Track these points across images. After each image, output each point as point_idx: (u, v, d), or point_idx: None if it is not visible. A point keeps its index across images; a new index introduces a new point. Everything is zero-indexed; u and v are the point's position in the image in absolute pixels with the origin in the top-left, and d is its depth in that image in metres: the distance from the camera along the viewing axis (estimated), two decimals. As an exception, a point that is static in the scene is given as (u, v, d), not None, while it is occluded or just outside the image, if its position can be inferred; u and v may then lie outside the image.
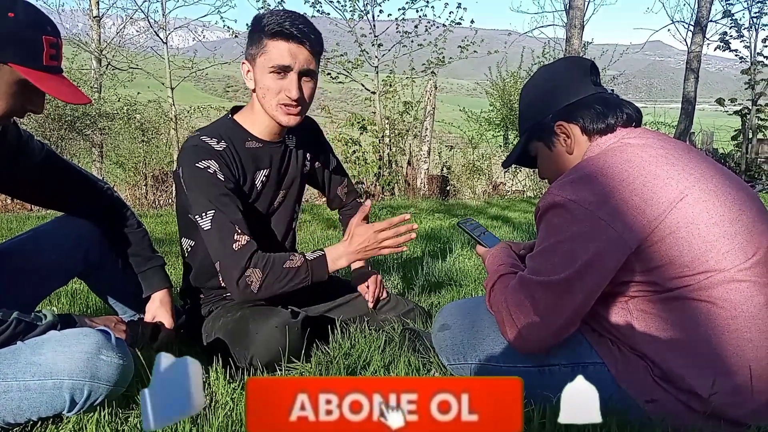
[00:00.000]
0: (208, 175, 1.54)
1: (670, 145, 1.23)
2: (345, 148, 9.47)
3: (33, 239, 1.62)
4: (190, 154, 1.56)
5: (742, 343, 1.11)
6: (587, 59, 1.39)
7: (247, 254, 1.51)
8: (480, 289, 2.47)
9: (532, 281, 1.19)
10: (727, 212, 1.14)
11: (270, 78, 1.53)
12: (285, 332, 1.51)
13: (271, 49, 1.51)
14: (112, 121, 10.12)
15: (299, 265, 1.56)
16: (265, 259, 1.53)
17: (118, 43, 12.93)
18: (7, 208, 7.61)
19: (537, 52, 13.27)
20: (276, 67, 1.51)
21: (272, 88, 1.54)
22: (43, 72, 1.22)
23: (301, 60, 1.52)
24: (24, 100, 1.25)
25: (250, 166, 1.66)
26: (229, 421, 1.22)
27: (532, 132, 1.41)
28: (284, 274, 1.54)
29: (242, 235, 1.52)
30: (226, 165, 1.58)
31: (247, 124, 1.66)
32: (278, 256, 1.56)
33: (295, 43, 1.50)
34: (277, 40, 1.50)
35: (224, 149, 1.60)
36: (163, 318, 1.67)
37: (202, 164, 1.55)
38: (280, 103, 1.56)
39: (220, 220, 1.52)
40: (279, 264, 1.54)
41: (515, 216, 6.40)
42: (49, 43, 1.22)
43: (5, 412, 1.17)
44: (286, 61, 1.51)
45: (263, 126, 1.65)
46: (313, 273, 1.57)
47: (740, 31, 10.66)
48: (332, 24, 10.61)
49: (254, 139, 1.66)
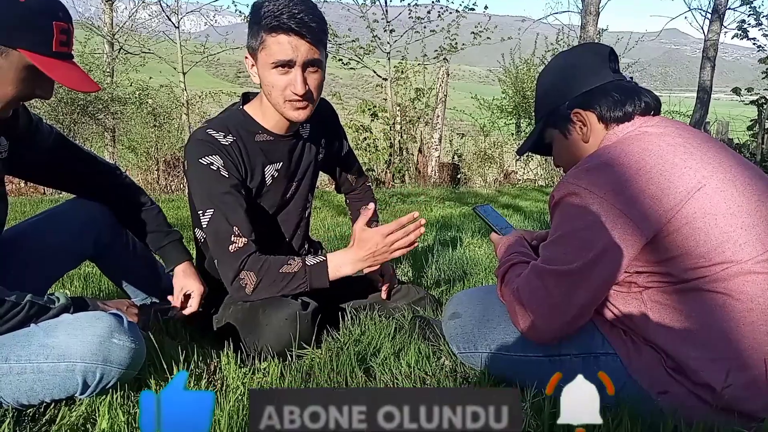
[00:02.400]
0: (210, 171, 1.51)
1: (688, 134, 1.21)
2: (356, 134, 9.45)
3: (45, 222, 1.63)
4: (195, 148, 1.53)
5: (758, 335, 1.09)
6: (606, 45, 1.36)
7: (242, 256, 1.50)
8: (491, 277, 2.47)
9: (545, 270, 1.18)
10: (746, 203, 1.12)
11: (273, 74, 1.47)
12: (295, 323, 1.50)
13: (270, 44, 1.44)
14: (124, 105, 10.15)
15: (296, 271, 1.51)
16: (261, 262, 1.51)
17: (130, 27, 12.93)
18: (21, 192, 7.68)
19: (551, 39, 13.10)
20: (278, 63, 1.44)
21: (277, 84, 1.47)
22: (53, 58, 1.21)
23: (303, 52, 1.44)
24: (33, 85, 1.25)
25: (259, 160, 1.62)
26: (240, 405, 1.23)
27: (548, 119, 1.38)
28: (280, 278, 1.50)
29: (240, 237, 1.50)
30: (231, 160, 1.54)
31: (257, 116, 1.61)
32: (275, 260, 1.52)
33: (294, 35, 1.42)
34: (276, 34, 1.42)
35: (231, 143, 1.56)
36: (193, 287, 1.67)
37: (206, 160, 1.52)
38: (287, 99, 1.49)
39: (218, 220, 1.51)
40: (275, 268, 1.50)
41: (526, 205, 6.36)
42: (60, 29, 1.21)
43: (19, 393, 1.19)
44: (287, 56, 1.43)
45: (274, 119, 1.60)
46: (312, 280, 1.52)
47: (759, 19, 10.45)
48: (344, 9, 10.55)
49: (265, 132, 1.62)
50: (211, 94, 12.51)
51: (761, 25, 10.46)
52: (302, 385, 1.34)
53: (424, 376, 1.39)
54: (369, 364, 1.46)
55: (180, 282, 1.68)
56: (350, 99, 12.39)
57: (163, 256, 1.71)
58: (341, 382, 1.37)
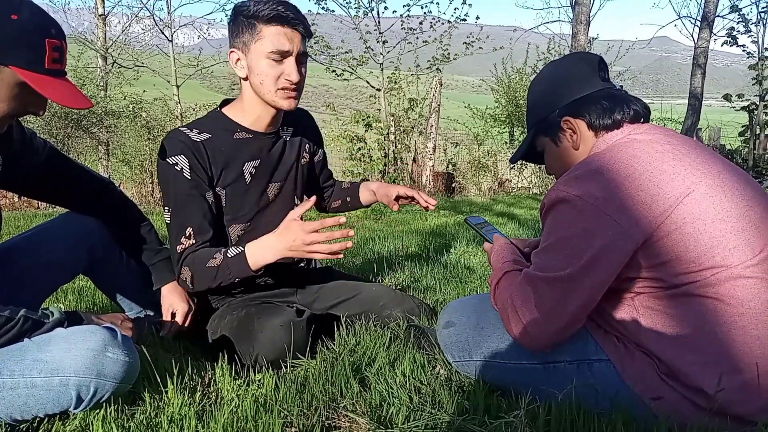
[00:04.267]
0: (174, 172, 1.57)
1: (677, 141, 1.22)
2: (350, 145, 9.48)
3: (39, 236, 1.63)
4: (164, 147, 1.59)
5: (749, 340, 1.10)
6: (595, 55, 1.38)
7: (184, 255, 1.59)
8: (485, 286, 2.47)
9: (537, 277, 1.19)
10: (734, 208, 1.13)
11: (267, 63, 1.53)
12: (290, 331, 1.51)
13: (267, 34, 1.51)
14: (118, 119, 10.16)
15: (219, 264, 1.54)
16: (194, 258, 1.58)
17: (123, 41, 12.96)
18: (14, 206, 7.65)
19: (542, 48, 13.20)
20: (275, 53, 1.51)
21: (270, 73, 1.54)
22: (46, 75, 1.22)
23: (298, 43, 1.53)
24: (26, 102, 1.25)
25: (237, 157, 1.65)
26: (235, 417, 1.23)
27: (539, 127, 1.40)
28: (207, 273, 1.56)
29: (188, 239, 1.59)
30: (199, 159, 1.58)
31: (236, 116, 1.66)
32: (201, 255, 1.57)
33: (290, 27, 1.52)
34: (274, 25, 1.50)
35: (205, 140, 1.60)
36: (178, 306, 1.69)
37: (171, 160, 1.57)
38: (279, 88, 1.55)
39: (173, 220, 1.60)
40: (201, 263, 1.56)
41: (521, 213, 6.38)
42: (53, 46, 1.22)
43: (12, 408, 1.18)
44: (285, 46, 1.52)
45: (254, 116, 1.65)
46: (234, 271, 1.53)
47: (748, 26, 10.56)
48: (337, 21, 10.60)
49: (243, 130, 1.66)
50: (205, 107, 12.52)
51: (750, 32, 10.57)
52: (297, 396, 1.34)
53: (419, 385, 1.39)
54: (364, 374, 1.46)
55: (167, 301, 1.70)
56: (344, 110, 12.41)
57: (154, 272, 1.72)
58: (336, 392, 1.37)
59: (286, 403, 1.30)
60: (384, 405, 1.29)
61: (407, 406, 1.27)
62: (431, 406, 1.28)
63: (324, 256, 1.46)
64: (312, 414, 1.27)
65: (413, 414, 1.25)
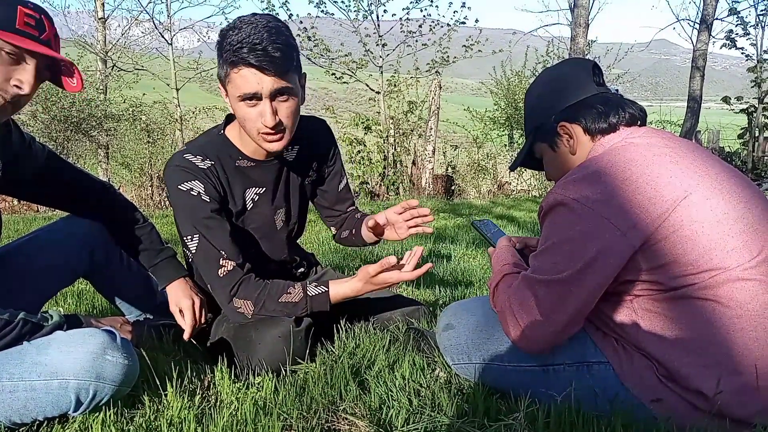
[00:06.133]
0: (191, 197, 1.51)
1: (674, 144, 1.22)
2: (350, 148, 9.49)
3: (38, 240, 1.63)
4: (174, 175, 1.52)
5: (748, 342, 1.10)
6: (589, 60, 1.39)
7: (233, 281, 1.51)
8: (485, 288, 2.47)
9: (534, 280, 1.19)
10: (732, 210, 1.13)
11: (242, 107, 1.43)
12: (289, 340, 1.50)
13: (234, 78, 1.40)
14: (117, 122, 10.17)
15: (297, 301, 1.52)
16: (258, 290, 1.52)
17: (123, 45, 12.99)
18: (14, 210, 7.65)
19: (541, 51, 13.24)
20: (244, 96, 1.41)
21: (248, 116, 1.44)
22: (16, 34, 1.21)
23: (268, 83, 1.39)
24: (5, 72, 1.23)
25: (239, 185, 1.60)
26: (234, 420, 1.23)
27: (537, 134, 1.42)
28: (280, 307, 1.52)
29: (227, 261, 1.51)
30: (211, 184, 1.53)
31: (238, 141, 1.59)
32: (274, 289, 1.53)
33: (256, 69, 1.37)
34: (237, 69, 1.38)
35: (209, 167, 1.54)
36: (185, 304, 1.63)
37: (185, 186, 1.51)
38: (259, 132, 1.46)
39: (205, 246, 1.51)
40: (274, 297, 1.52)
41: (521, 215, 6.39)
42: (25, 13, 1.22)
43: (11, 411, 1.18)
44: (252, 89, 1.39)
45: (253, 146, 1.57)
46: (312, 307, 1.54)
47: (746, 28, 10.58)
48: (336, 24, 10.62)
49: (245, 158, 1.60)
50: (205, 110, 12.56)
51: (749, 35, 10.59)
52: (296, 399, 1.34)
53: (419, 388, 1.39)
54: (363, 377, 1.46)
55: (174, 301, 1.66)
56: (344, 112, 12.43)
57: (156, 273, 1.69)
58: (335, 395, 1.37)
59: (286, 406, 1.30)
60: (383, 408, 1.29)
61: (407, 409, 1.27)
62: (431, 408, 1.28)
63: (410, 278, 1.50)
64: (311, 417, 1.27)
65: (413, 417, 1.25)
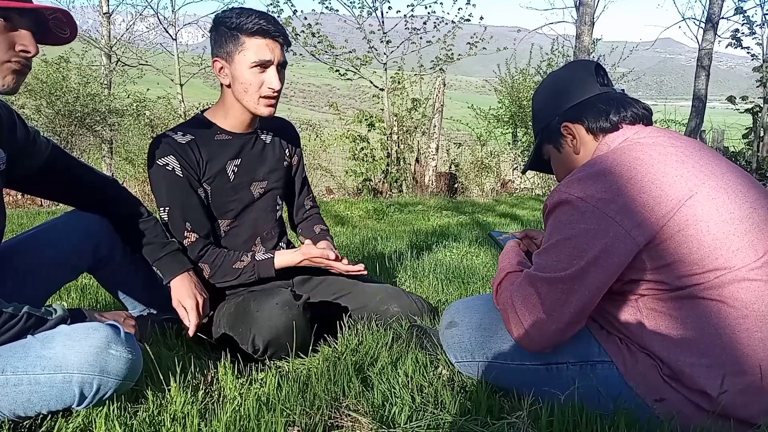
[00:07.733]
0: (166, 171, 1.67)
1: (680, 143, 1.22)
2: (353, 145, 9.48)
3: (43, 234, 1.63)
4: (153, 150, 1.68)
5: (753, 342, 1.10)
6: (592, 60, 1.41)
7: (196, 250, 1.72)
8: (488, 286, 2.47)
9: (537, 277, 1.19)
10: (738, 210, 1.13)
11: (251, 73, 1.63)
12: (286, 311, 1.56)
13: (250, 46, 1.61)
14: (121, 117, 10.17)
15: (245, 265, 1.74)
16: (214, 256, 1.74)
17: (127, 40, 12.99)
18: (18, 204, 7.67)
19: (546, 49, 13.18)
20: (258, 62, 1.61)
21: (254, 82, 1.64)
22: None
23: (278, 54, 1.65)
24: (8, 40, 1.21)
25: (220, 156, 1.75)
26: (237, 415, 1.23)
27: (543, 136, 1.43)
28: (232, 271, 1.73)
29: (191, 233, 1.72)
30: (186, 159, 1.68)
31: (217, 119, 1.76)
32: (230, 255, 1.75)
33: (271, 39, 1.62)
34: (257, 37, 1.61)
35: (189, 141, 1.70)
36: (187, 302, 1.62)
37: (162, 161, 1.67)
38: (261, 96, 1.66)
39: (173, 217, 1.71)
40: (228, 263, 1.74)
41: (524, 213, 6.38)
42: None
43: (16, 405, 1.18)
44: (267, 56, 1.62)
45: (234, 119, 1.75)
46: (259, 272, 1.74)
47: (752, 28, 10.52)
48: (341, 21, 10.59)
49: (223, 132, 1.76)
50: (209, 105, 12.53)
51: (755, 34, 10.54)
52: (299, 395, 1.34)
53: (422, 385, 1.39)
54: (366, 374, 1.46)
55: (176, 297, 1.65)
56: (347, 109, 12.41)
57: (160, 267, 1.69)
58: (338, 392, 1.37)
59: (289, 401, 1.30)
60: (386, 405, 1.29)
61: (410, 406, 1.27)
62: (434, 406, 1.28)
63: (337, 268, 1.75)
64: (314, 413, 1.28)
65: (416, 414, 1.25)
